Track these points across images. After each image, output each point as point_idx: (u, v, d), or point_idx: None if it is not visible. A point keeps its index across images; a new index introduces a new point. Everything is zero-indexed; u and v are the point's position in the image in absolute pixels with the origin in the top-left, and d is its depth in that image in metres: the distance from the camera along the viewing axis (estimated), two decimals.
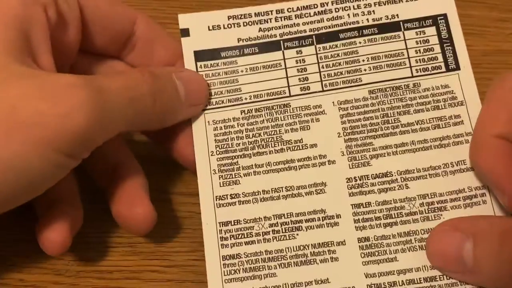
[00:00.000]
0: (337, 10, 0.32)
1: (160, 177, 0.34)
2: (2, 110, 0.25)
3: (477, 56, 0.36)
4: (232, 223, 0.29)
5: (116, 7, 0.32)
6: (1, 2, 0.27)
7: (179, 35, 0.32)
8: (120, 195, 0.30)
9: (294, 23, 0.32)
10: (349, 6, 0.32)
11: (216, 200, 0.30)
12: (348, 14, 0.32)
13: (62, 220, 0.28)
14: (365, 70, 0.31)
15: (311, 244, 0.29)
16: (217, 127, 0.31)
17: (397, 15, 0.32)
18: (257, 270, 0.28)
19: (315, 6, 0.32)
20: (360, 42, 0.32)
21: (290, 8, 0.32)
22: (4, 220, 0.28)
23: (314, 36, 0.32)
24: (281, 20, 0.32)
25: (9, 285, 0.31)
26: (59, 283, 0.31)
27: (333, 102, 0.31)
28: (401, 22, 0.32)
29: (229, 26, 0.32)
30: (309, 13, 0.32)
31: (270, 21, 0.32)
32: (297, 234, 0.29)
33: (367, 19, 0.32)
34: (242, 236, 0.29)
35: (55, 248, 0.28)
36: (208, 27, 0.32)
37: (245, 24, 0.32)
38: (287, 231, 0.29)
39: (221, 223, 0.29)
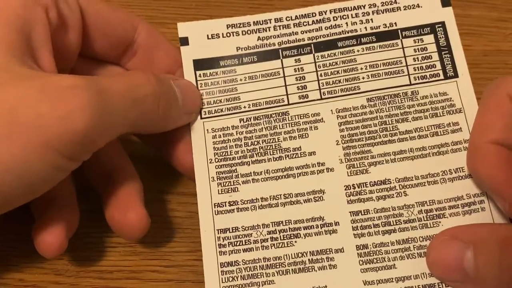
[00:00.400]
0: (335, 18, 0.32)
1: (160, 177, 0.34)
2: (3, 112, 0.25)
3: (476, 56, 0.36)
4: (230, 230, 0.29)
5: (117, 13, 0.32)
6: (2, 3, 0.27)
7: (178, 35, 0.32)
8: (114, 200, 0.30)
9: (293, 32, 0.32)
10: (348, 15, 0.32)
11: (215, 207, 0.30)
12: (347, 23, 0.32)
13: (58, 222, 0.28)
14: (363, 78, 0.31)
15: (310, 252, 0.29)
16: (216, 135, 0.31)
17: (395, 23, 0.32)
18: (255, 277, 0.28)
19: (314, 14, 0.33)
20: (358, 50, 0.32)
21: (288, 17, 0.33)
22: (4, 220, 0.28)
23: (312, 45, 0.32)
24: (280, 29, 0.32)
25: (9, 285, 0.31)
26: (59, 283, 0.31)
27: (331, 110, 0.31)
28: (399, 30, 0.32)
29: (228, 34, 0.33)
30: (308, 21, 0.32)
31: (269, 30, 0.33)
32: (295, 242, 0.29)
33: (365, 28, 0.32)
34: (240, 243, 0.29)
35: (51, 250, 0.28)
36: (207, 35, 0.32)
37: (244, 32, 0.33)
38: (285, 238, 0.29)
39: (219, 230, 0.29)
